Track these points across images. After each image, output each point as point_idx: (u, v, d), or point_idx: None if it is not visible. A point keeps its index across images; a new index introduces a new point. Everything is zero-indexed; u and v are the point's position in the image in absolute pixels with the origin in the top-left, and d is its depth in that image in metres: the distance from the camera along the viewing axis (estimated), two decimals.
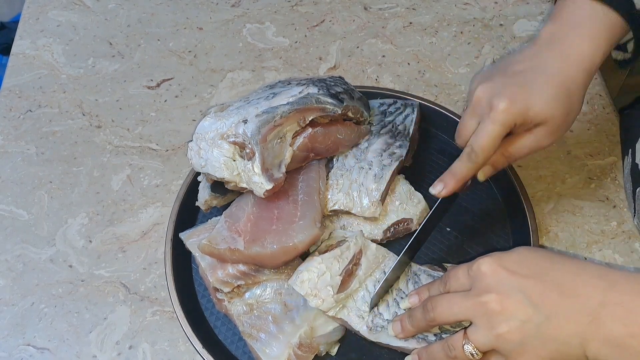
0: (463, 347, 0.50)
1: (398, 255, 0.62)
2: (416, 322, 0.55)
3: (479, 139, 0.55)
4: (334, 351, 0.61)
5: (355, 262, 0.62)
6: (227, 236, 0.61)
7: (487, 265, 0.50)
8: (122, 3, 0.97)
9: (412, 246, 0.61)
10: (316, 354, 0.60)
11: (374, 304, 0.61)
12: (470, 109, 0.57)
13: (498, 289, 0.48)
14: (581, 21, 0.55)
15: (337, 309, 0.61)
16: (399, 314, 0.60)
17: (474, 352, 0.49)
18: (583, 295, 0.46)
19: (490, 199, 0.71)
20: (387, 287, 0.62)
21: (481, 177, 0.60)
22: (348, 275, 0.61)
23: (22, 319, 0.67)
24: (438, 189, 0.58)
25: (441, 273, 0.63)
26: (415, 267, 0.64)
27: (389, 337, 0.59)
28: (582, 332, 0.46)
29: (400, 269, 0.62)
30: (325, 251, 0.62)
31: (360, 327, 0.60)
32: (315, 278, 0.60)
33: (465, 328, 0.50)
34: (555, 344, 0.46)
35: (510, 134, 0.56)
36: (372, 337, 0.59)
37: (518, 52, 0.58)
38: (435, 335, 0.58)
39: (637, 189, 0.67)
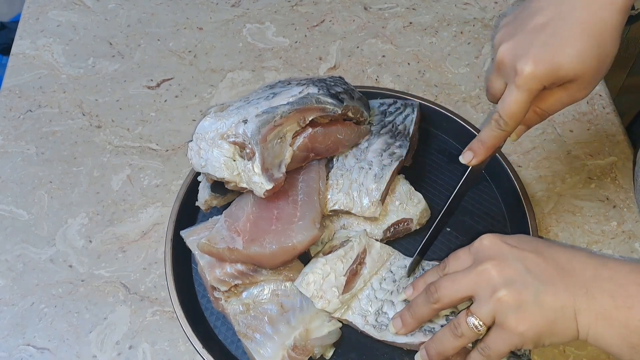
0: (467, 321, 0.50)
1: (403, 253, 0.63)
2: (418, 310, 0.55)
3: (506, 107, 0.52)
4: (328, 354, 0.61)
5: (359, 261, 0.62)
6: (226, 236, 0.61)
7: (488, 239, 0.52)
8: (122, 3, 0.97)
9: (447, 212, 0.61)
10: (310, 357, 0.60)
11: (411, 270, 0.62)
12: (495, 69, 0.54)
13: (498, 257, 0.50)
14: None
15: (342, 310, 0.61)
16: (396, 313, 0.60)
17: (477, 324, 0.49)
18: (577, 270, 0.48)
19: (490, 199, 0.71)
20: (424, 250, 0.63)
21: (514, 136, 0.57)
22: (353, 275, 0.61)
23: (22, 319, 0.67)
24: (467, 157, 0.56)
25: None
26: (424, 263, 0.64)
27: (395, 335, 0.58)
28: (575, 303, 0.47)
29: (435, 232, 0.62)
30: (329, 252, 0.62)
31: (366, 326, 0.60)
32: (321, 280, 0.60)
33: (469, 306, 0.51)
34: (551, 312, 0.47)
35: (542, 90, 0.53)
36: (378, 336, 0.59)
37: None
38: (441, 326, 0.57)
39: None
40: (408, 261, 0.64)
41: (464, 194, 0.62)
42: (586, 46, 0.49)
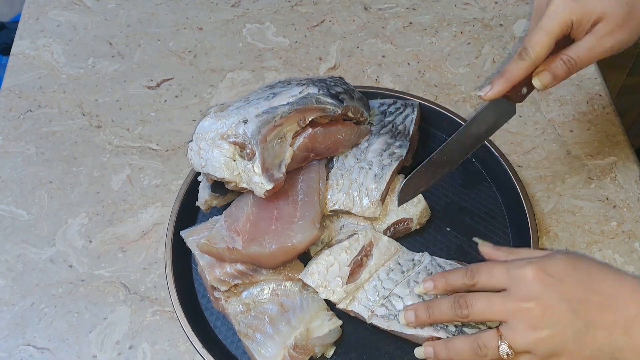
0: (499, 347, 0.49)
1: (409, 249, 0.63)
2: (439, 314, 0.54)
3: (532, 36, 0.52)
4: (329, 353, 0.61)
5: (365, 253, 0.62)
6: (226, 235, 0.61)
7: (532, 273, 0.49)
8: (122, 3, 0.97)
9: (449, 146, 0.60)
10: (311, 356, 0.60)
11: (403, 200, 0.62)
12: (533, 18, 0.54)
13: (542, 296, 0.48)
14: None
15: (348, 301, 0.61)
16: (404, 305, 0.59)
17: (509, 352, 0.49)
18: (620, 307, 0.47)
19: (490, 199, 0.71)
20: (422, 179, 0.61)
21: (538, 84, 0.55)
22: (358, 266, 0.62)
23: (22, 319, 0.67)
24: (485, 89, 0.55)
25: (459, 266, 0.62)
26: (440, 260, 0.64)
27: (402, 325, 0.58)
28: (615, 341, 0.47)
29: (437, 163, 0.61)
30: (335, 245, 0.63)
31: (373, 318, 0.60)
32: (324, 270, 0.60)
33: (497, 327, 0.50)
34: (589, 350, 0.47)
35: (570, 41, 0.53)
36: (385, 326, 0.59)
37: None
38: (456, 326, 0.57)
39: None
40: (418, 255, 0.64)
41: (488, 133, 0.61)
42: None
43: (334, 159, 0.69)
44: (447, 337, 0.56)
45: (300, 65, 0.89)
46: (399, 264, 0.63)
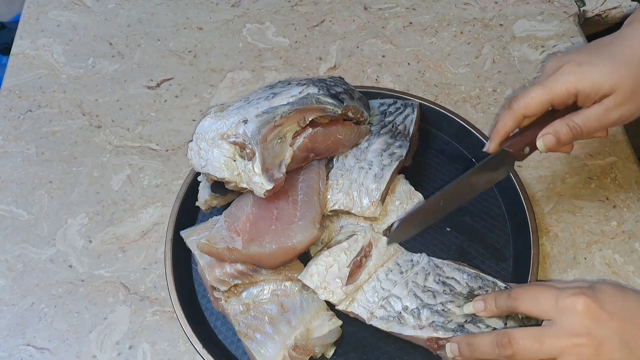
0: None
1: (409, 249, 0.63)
2: (480, 350, 0.52)
3: (528, 89, 0.53)
4: (329, 353, 0.61)
5: (364, 254, 0.62)
6: (225, 236, 0.61)
7: (583, 305, 0.48)
8: (122, 3, 0.97)
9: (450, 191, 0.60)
10: (311, 356, 0.60)
11: (393, 239, 0.61)
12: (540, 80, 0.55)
13: (595, 331, 0.47)
14: None
15: (347, 302, 0.61)
16: (403, 306, 0.59)
17: None
18: None
19: (490, 199, 0.71)
20: (417, 220, 0.61)
21: (541, 145, 0.55)
22: (357, 267, 0.62)
23: (22, 319, 0.67)
24: (487, 145, 0.58)
25: (467, 268, 0.62)
26: (437, 260, 0.64)
27: (401, 327, 0.59)
28: None
29: (433, 208, 0.61)
30: (334, 246, 0.62)
31: (373, 320, 0.60)
32: (324, 271, 0.60)
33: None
34: None
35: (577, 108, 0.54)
36: (385, 327, 0.60)
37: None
38: (459, 325, 0.57)
39: None
40: (416, 256, 0.64)
41: (486, 185, 0.62)
42: (627, 61, 0.50)
43: (334, 159, 0.69)
44: (447, 335, 0.57)
45: (300, 65, 0.89)
46: (398, 264, 0.63)
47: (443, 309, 0.59)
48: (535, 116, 0.55)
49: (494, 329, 0.56)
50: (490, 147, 0.57)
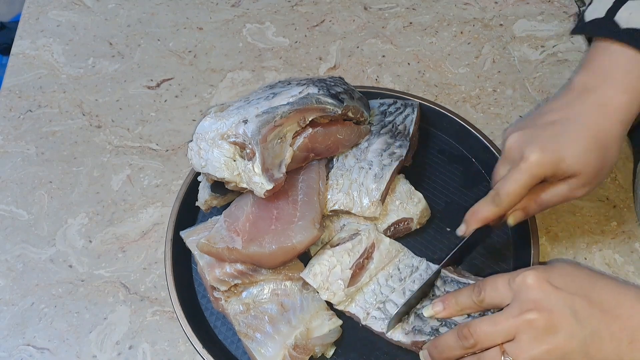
0: None
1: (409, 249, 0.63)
2: (449, 351, 0.53)
3: (505, 185, 0.55)
4: (329, 353, 0.61)
5: (367, 255, 0.62)
6: (225, 236, 0.61)
7: (533, 279, 0.49)
8: (122, 3, 0.97)
9: (437, 273, 0.62)
10: (311, 356, 0.60)
11: (392, 326, 0.60)
12: (503, 158, 0.57)
13: (544, 304, 0.48)
14: (615, 70, 0.54)
15: (346, 303, 0.61)
16: (398, 311, 0.60)
17: None
18: (624, 316, 0.47)
19: None
20: (405, 311, 0.60)
21: (511, 221, 0.59)
22: (359, 269, 0.62)
23: (22, 319, 0.67)
24: (462, 229, 0.59)
25: (466, 280, 0.61)
26: (434, 267, 0.64)
27: (400, 334, 0.59)
28: (620, 352, 0.46)
29: (420, 295, 0.61)
30: (337, 244, 0.62)
31: (368, 320, 0.60)
32: (327, 271, 0.61)
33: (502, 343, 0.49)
34: None
35: (543, 182, 0.55)
36: (378, 329, 0.60)
37: (551, 102, 0.57)
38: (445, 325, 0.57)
39: None
40: (417, 260, 0.64)
41: (475, 245, 0.64)
42: (589, 147, 0.53)
43: (334, 159, 0.69)
44: (423, 338, 0.57)
45: (300, 65, 0.89)
46: (399, 269, 0.63)
47: (423, 313, 0.59)
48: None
49: None
50: (467, 231, 0.59)
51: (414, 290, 0.61)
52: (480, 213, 0.57)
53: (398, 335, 0.59)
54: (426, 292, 0.61)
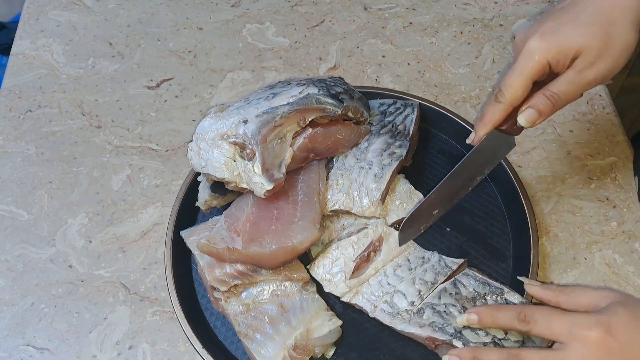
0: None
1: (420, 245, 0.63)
2: (500, 316, 0.52)
3: (507, 77, 0.52)
4: (329, 353, 0.61)
5: (373, 248, 0.63)
6: (225, 236, 0.61)
7: (597, 335, 0.47)
8: (122, 3, 0.97)
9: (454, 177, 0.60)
10: (311, 356, 0.60)
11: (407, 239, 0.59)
12: (514, 58, 0.54)
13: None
14: None
15: (351, 294, 0.61)
16: (408, 302, 0.59)
17: None
18: None
19: (490, 199, 0.71)
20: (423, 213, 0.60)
21: (524, 121, 0.54)
22: (364, 261, 0.62)
23: (22, 319, 0.67)
24: (471, 136, 0.57)
25: (477, 273, 0.61)
26: (448, 260, 0.63)
27: (404, 323, 0.59)
28: None
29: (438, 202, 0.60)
30: (344, 238, 0.63)
31: (376, 312, 0.60)
32: (329, 264, 0.61)
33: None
34: None
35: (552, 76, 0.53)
36: (387, 321, 0.60)
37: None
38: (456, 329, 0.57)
39: None
40: (428, 253, 0.64)
41: (489, 165, 0.61)
42: (590, 21, 0.50)
43: (334, 159, 0.69)
44: (444, 337, 0.57)
45: (300, 65, 0.89)
46: (408, 260, 0.63)
47: (445, 311, 0.59)
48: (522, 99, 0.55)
49: (494, 336, 0.56)
50: (475, 138, 0.56)
51: (429, 282, 0.60)
52: (487, 115, 0.54)
53: (412, 327, 0.58)
54: (450, 291, 0.61)
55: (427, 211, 0.61)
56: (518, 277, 0.59)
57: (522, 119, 0.54)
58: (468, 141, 0.57)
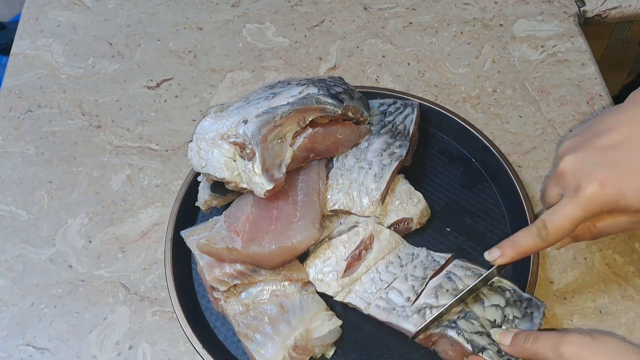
0: None
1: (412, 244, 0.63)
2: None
3: (554, 218, 0.49)
4: (329, 354, 0.61)
5: (364, 247, 0.63)
6: (225, 236, 0.61)
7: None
8: (122, 3, 0.97)
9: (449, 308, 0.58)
10: (311, 356, 0.60)
11: (422, 332, 0.57)
12: (555, 178, 0.51)
13: None
14: None
15: (344, 293, 0.62)
16: (404, 298, 0.59)
17: None
18: None
19: (490, 199, 0.71)
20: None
21: (557, 247, 0.54)
22: (356, 260, 0.62)
23: (22, 319, 0.67)
24: (494, 255, 0.53)
25: (468, 263, 0.61)
26: (436, 255, 0.63)
27: (399, 318, 0.59)
28: None
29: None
30: (335, 237, 0.63)
31: (370, 309, 0.60)
32: (321, 263, 0.61)
33: None
34: None
35: None
36: (383, 317, 0.60)
37: (611, 114, 0.50)
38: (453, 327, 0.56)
39: None
40: (417, 250, 0.64)
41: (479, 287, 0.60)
42: None
43: (334, 159, 0.69)
44: (439, 331, 0.56)
45: (300, 65, 0.89)
46: (399, 257, 0.64)
47: (438, 304, 0.59)
48: None
49: (487, 321, 0.56)
50: (500, 260, 0.53)
51: (420, 277, 0.60)
52: (522, 245, 0.52)
53: (406, 323, 0.58)
54: (442, 284, 0.60)
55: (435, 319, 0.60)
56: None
57: (557, 245, 0.53)
58: (489, 259, 0.53)
